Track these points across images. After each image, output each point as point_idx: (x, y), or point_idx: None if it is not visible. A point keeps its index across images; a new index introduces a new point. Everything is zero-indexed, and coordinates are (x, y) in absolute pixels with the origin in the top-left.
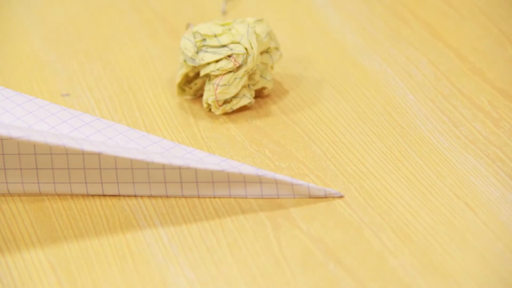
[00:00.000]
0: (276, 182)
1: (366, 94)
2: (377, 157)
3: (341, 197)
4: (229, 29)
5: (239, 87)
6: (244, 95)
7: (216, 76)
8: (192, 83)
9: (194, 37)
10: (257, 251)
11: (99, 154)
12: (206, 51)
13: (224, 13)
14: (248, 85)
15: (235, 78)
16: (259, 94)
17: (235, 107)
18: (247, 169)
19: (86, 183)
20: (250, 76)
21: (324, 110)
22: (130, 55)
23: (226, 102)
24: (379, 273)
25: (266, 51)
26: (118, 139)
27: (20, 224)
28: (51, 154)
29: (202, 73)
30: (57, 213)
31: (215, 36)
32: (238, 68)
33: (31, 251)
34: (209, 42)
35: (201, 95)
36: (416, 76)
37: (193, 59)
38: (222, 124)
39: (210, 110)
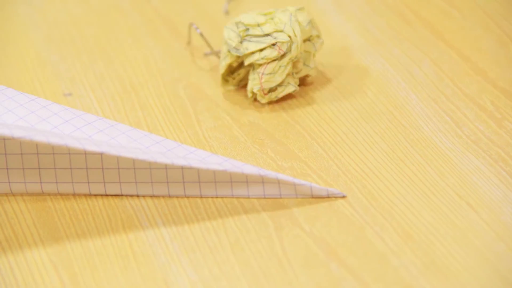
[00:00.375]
0: (279, 182)
1: (368, 94)
2: (379, 157)
3: (343, 197)
4: (272, 18)
5: (284, 75)
6: (289, 83)
7: (261, 65)
8: (235, 73)
9: (237, 27)
10: (259, 251)
11: (101, 154)
12: (250, 41)
13: (227, 13)
14: (292, 73)
15: (280, 66)
16: (302, 82)
17: (280, 95)
18: (250, 169)
19: (88, 182)
20: (294, 64)
21: (326, 110)
22: (132, 54)
23: (271, 90)
24: (382, 274)
25: (308, 39)
26: (121, 139)
27: (23, 224)
28: (53, 154)
29: (246, 62)
30: (59, 213)
31: (258, 25)
32: (283, 56)
33: (33, 250)
34: (252, 31)
35: (244, 85)
36: (418, 76)
37: (237, 49)
38: (225, 124)
39: (255, 99)
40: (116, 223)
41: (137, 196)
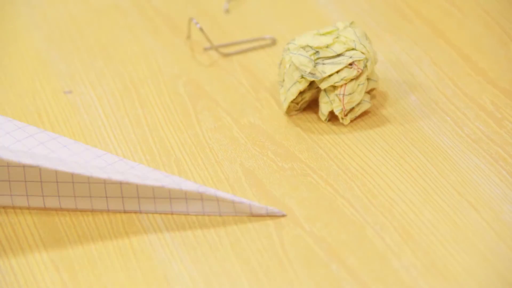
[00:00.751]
0: (218, 199)
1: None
2: (380, 156)
3: (283, 215)
4: (337, 37)
5: (363, 94)
6: (363, 100)
7: (338, 87)
8: (298, 98)
9: (306, 51)
10: (259, 250)
11: (40, 168)
12: (323, 63)
13: (227, 11)
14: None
15: (358, 85)
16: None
17: (358, 113)
18: (189, 185)
19: (27, 195)
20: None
21: None
22: (132, 52)
23: (350, 110)
24: (382, 275)
25: None
26: (61, 152)
27: (23, 224)
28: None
29: (323, 86)
30: (59, 212)
31: (327, 46)
32: (360, 74)
33: (34, 250)
34: (323, 53)
35: (304, 109)
36: (418, 75)
37: (313, 74)
38: (225, 125)
39: (328, 120)
40: (116, 222)
41: (76, 209)
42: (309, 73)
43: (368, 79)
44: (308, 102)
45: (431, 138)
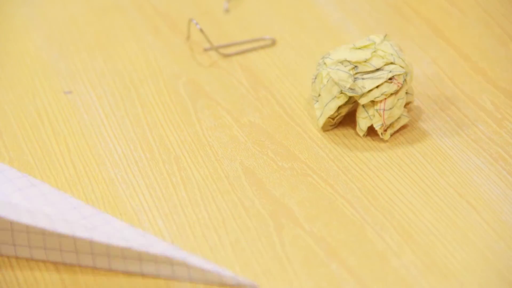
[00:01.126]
0: (188, 266)
1: None
2: (379, 156)
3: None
4: (375, 51)
5: (402, 108)
6: (402, 114)
7: (378, 101)
8: (335, 113)
9: (345, 66)
10: (259, 250)
11: (10, 222)
12: (363, 78)
13: (227, 10)
14: None
15: (398, 100)
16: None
17: (397, 128)
18: (160, 248)
19: None
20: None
21: None
22: (132, 51)
23: (390, 125)
24: (382, 274)
25: None
26: (37, 202)
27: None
28: None
29: (363, 101)
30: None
31: (366, 61)
32: (400, 88)
33: None
34: (362, 68)
35: (336, 124)
36: (418, 75)
37: (352, 89)
38: (225, 124)
39: (365, 135)
40: None
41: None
42: (349, 88)
43: (406, 93)
44: (343, 117)
45: (431, 138)
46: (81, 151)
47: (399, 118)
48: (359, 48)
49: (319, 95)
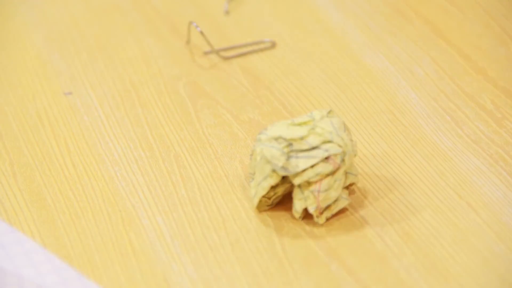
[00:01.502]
0: None
1: (368, 92)
2: (379, 155)
3: None
4: (313, 128)
5: (340, 190)
6: (341, 197)
7: (314, 182)
8: (271, 193)
9: (279, 143)
10: (259, 250)
11: None
12: (297, 157)
13: (227, 12)
14: None
15: (335, 181)
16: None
17: (335, 211)
18: None
19: None
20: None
21: (325, 108)
22: (132, 53)
23: (326, 207)
24: (381, 275)
25: None
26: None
27: (23, 222)
28: None
29: (297, 182)
30: (59, 211)
31: (302, 138)
32: (337, 169)
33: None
34: (297, 146)
35: (276, 204)
36: (418, 74)
37: (285, 168)
38: (225, 121)
39: (302, 219)
40: (117, 222)
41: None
42: (282, 167)
43: (346, 173)
44: (281, 197)
45: (431, 137)
46: (80, 150)
47: (337, 200)
48: (298, 125)
49: (254, 172)
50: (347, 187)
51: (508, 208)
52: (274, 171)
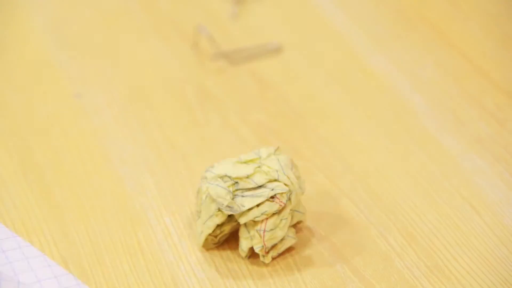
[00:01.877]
0: None
1: (373, 94)
2: (384, 156)
3: None
4: (259, 166)
5: (286, 229)
6: (287, 235)
7: (259, 221)
8: (217, 231)
9: (224, 181)
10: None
11: None
12: (243, 196)
13: (234, 16)
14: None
15: (281, 220)
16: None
17: (281, 250)
18: None
19: None
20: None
21: (331, 110)
22: (140, 56)
23: (273, 246)
24: (385, 274)
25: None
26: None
27: (33, 219)
28: None
29: (242, 221)
30: (69, 209)
31: (248, 177)
32: (283, 208)
33: (44, 245)
34: (243, 185)
35: (223, 242)
36: (422, 76)
37: (230, 207)
38: (232, 123)
39: (248, 257)
40: (125, 221)
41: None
42: (227, 206)
43: (294, 211)
44: (227, 235)
45: (435, 139)
46: (90, 151)
47: (283, 239)
48: (244, 162)
49: (200, 211)
50: (294, 226)
51: (510, 210)
52: (220, 210)
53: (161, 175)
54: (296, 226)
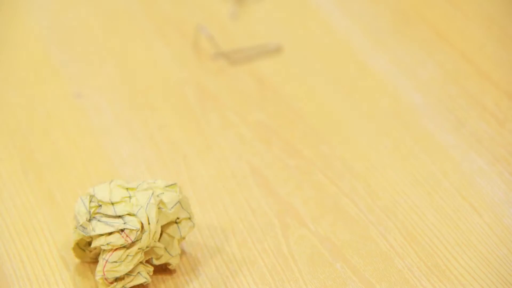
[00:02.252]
0: None
1: (373, 94)
2: (384, 156)
3: None
4: (129, 197)
5: (131, 266)
6: (139, 272)
7: (107, 250)
8: (90, 247)
9: (91, 201)
10: (266, 250)
11: None
12: (99, 220)
13: (234, 16)
14: (149, 260)
15: (127, 255)
16: (166, 267)
17: (128, 285)
18: None
19: None
20: (152, 250)
21: (331, 110)
22: (141, 56)
23: (118, 279)
24: (386, 274)
25: (174, 222)
26: None
27: (33, 219)
28: None
29: (93, 244)
30: (69, 209)
31: (112, 204)
32: (132, 244)
33: (43, 245)
34: (104, 209)
35: (95, 258)
36: (422, 76)
37: (83, 227)
38: (232, 123)
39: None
40: None
41: None
42: (81, 225)
43: (150, 249)
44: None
45: (434, 138)
46: (90, 151)
47: (134, 276)
48: (125, 188)
49: (75, 216)
50: (164, 264)
51: (510, 210)
52: (76, 227)
53: (161, 175)
54: (168, 265)
